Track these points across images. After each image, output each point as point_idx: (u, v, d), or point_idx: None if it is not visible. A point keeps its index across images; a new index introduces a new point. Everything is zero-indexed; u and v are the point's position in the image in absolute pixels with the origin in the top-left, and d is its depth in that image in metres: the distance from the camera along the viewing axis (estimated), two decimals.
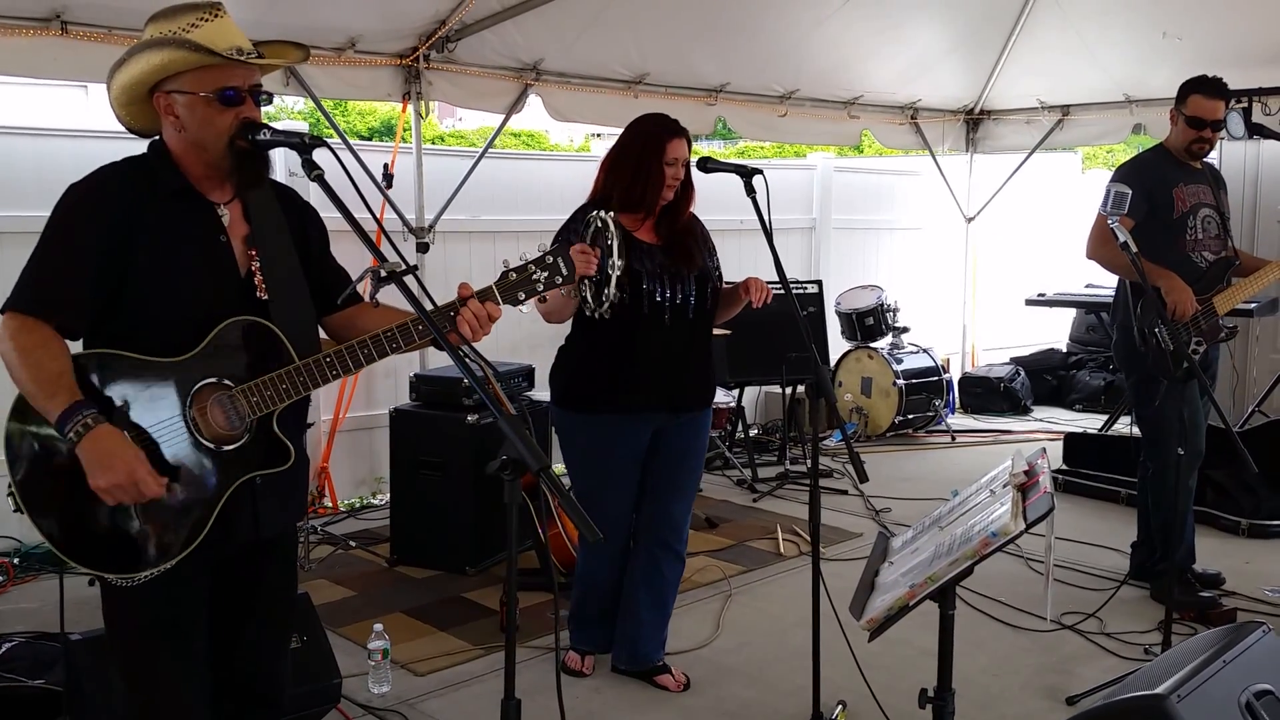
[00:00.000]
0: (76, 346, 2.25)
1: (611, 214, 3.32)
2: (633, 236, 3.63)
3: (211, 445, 2.23)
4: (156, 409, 2.20)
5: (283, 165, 5.70)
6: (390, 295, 2.18)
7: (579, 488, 3.78)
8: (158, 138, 2.32)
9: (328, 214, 2.45)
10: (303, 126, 7.00)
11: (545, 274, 2.32)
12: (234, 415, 2.24)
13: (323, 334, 2.54)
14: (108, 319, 2.22)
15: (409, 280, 2.09)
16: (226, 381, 2.23)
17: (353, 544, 5.52)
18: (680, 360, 3.71)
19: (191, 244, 2.27)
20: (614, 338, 3.58)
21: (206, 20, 2.21)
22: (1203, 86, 4.49)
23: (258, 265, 2.32)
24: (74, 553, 2.21)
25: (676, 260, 3.66)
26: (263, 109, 2.31)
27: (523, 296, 2.33)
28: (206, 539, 2.23)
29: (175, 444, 2.21)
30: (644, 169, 3.59)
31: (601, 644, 4.02)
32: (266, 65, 2.30)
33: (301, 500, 2.61)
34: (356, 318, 2.50)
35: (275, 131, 2.23)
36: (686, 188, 3.69)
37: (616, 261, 3.26)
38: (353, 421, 6.35)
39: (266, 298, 2.31)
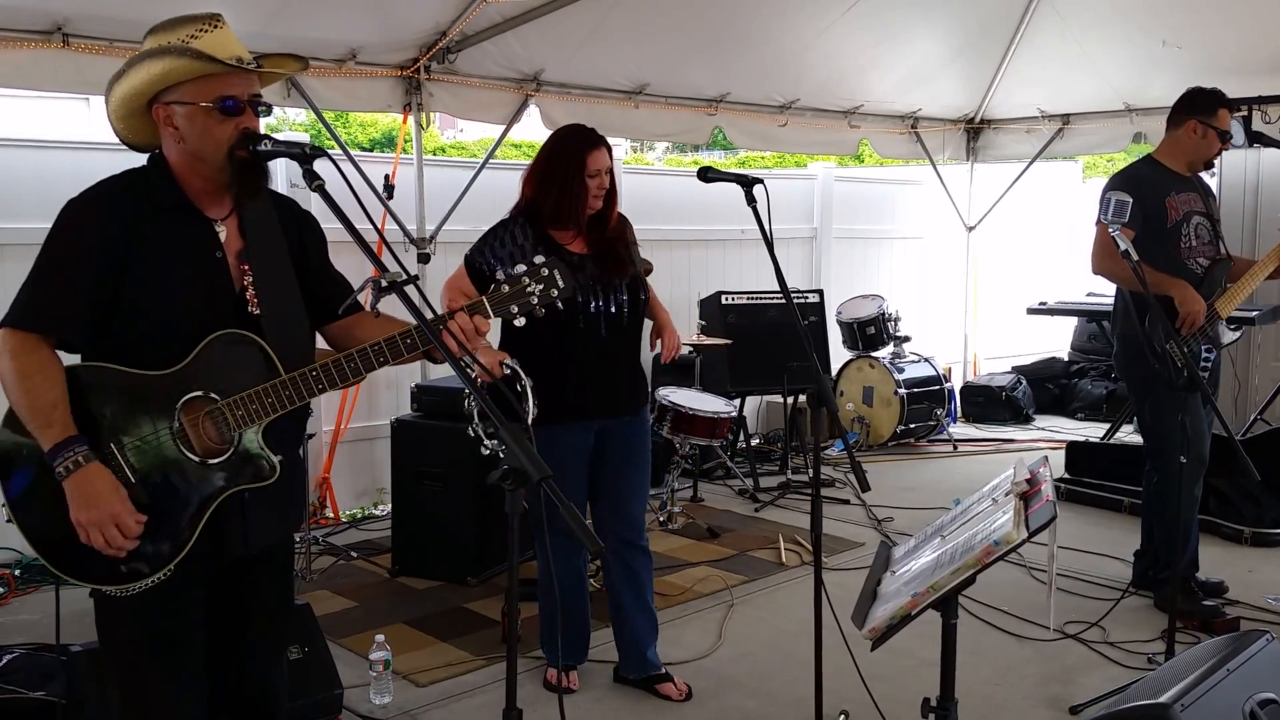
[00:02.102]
0: (71, 358, 2.26)
1: (516, 361, 3.49)
2: (565, 250, 3.69)
3: (197, 458, 2.23)
4: (143, 421, 2.21)
5: (284, 176, 5.71)
6: (393, 306, 2.18)
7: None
8: (158, 151, 2.32)
9: (329, 225, 2.45)
10: (304, 138, 7.02)
11: (540, 287, 2.28)
12: (225, 428, 2.24)
13: (324, 344, 2.54)
14: (103, 333, 2.22)
15: (409, 290, 2.09)
16: (213, 395, 2.24)
17: (354, 555, 5.51)
18: (616, 368, 3.79)
19: (186, 261, 2.27)
20: (552, 351, 3.65)
21: (206, 31, 2.21)
22: (1225, 100, 4.54)
23: (250, 280, 2.32)
24: (65, 565, 2.23)
25: (608, 271, 3.72)
26: (261, 120, 2.31)
27: (515, 310, 2.29)
28: (194, 551, 2.24)
29: (161, 456, 2.22)
30: (569, 185, 3.65)
31: (582, 654, 4.03)
32: (267, 74, 2.30)
33: (297, 513, 2.60)
34: (355, 328, 2.50)
35: (276, 142, 2.23)
36: (611, 194, 3.74)
37: (530, 406, 3.50)
38: (354, 432, 6.35)
39: (258, 312, 2.32)
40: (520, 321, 2.33)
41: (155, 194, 2.26)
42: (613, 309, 3.71)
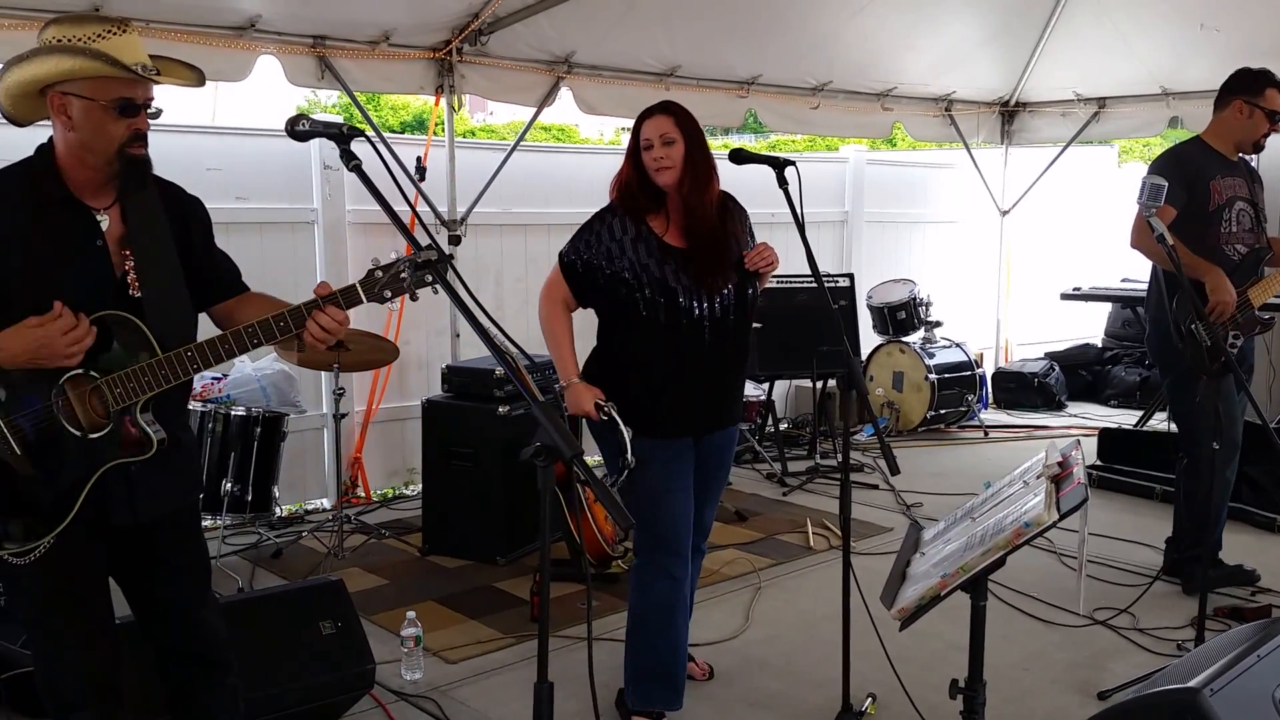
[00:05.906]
0: None
1: (614, 406, 3.30)
2: (663, 241, 3.37)
3: (79, 432, 2.33)
4: (26, 397, 2.32)
5: (318, 156, 5.75)
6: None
7: (636, 505, 3.44)
8: (46, 142, 2.39)
9: (362, 206, 2.48)
10: (337, 119, 7.05)
11: (415, 273, 2.27)
12: (108, 404, 2.34)
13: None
14: None
15: (439, 270, 2.12)
16: (92, 373, 2.33)
17: (385, 533, 5.57)
18: (723, 377, 3.46)
19: (68, 251, 2.36)
20: (652, 357, 3.36)
21: (114, 34, 2.30)
22: (1274, 80, 4.49)
23: (131, 265, 2.40)
24: None
25: (710, 269, 3.34)
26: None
27: (389, 295, 2.30)
28: (80, 517, 2.34)
29: (43, 430, 2.32)
30: (637, 162, 3.40)
31: (673, 698, 3.56)
32: (164, 81, 2.40)
33: (190, 482, 2.67)
34: (237, 310, 2.59)
35: (314, 122, 2.28)
36: (688, 173, 3.34)
37: (630, 458, 3.29)
38: (385, 412, 6.40)
39: (139, 295, 2.40)
40: (394, 305, 2.30)
41: (38, 188, 2.35)
42: (716, 311, 3.34)
